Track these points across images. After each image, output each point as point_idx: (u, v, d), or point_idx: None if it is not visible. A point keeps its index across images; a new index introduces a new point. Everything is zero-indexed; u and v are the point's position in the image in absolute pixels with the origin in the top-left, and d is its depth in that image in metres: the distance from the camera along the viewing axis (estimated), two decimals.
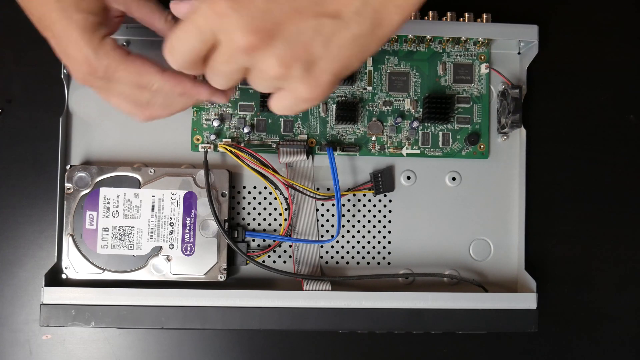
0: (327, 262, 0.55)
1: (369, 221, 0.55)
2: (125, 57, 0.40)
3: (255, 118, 0.54)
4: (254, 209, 0.54)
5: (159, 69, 0.41)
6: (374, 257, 0.55)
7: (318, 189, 0.54)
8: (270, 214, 0.54)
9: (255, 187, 0.54)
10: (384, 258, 0.55)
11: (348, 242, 0.55)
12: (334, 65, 0.34)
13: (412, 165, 0.55)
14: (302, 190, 0.53)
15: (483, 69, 0.55)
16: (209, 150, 0.52)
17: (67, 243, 0.51)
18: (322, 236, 0.55)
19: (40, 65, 0.55)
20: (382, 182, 0.54)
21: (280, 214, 0.54)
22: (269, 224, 0.54)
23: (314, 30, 0.33)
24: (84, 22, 0.38)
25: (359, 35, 0.34)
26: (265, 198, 0.54)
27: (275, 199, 0.54)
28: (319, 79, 0.35)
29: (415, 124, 0.54)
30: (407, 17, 0.34)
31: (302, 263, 0.54)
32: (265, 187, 0.54)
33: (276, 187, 0.53)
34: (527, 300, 0.52)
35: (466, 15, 0.54)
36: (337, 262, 0.55)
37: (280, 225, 0.54)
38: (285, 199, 0.53)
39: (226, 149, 0.49)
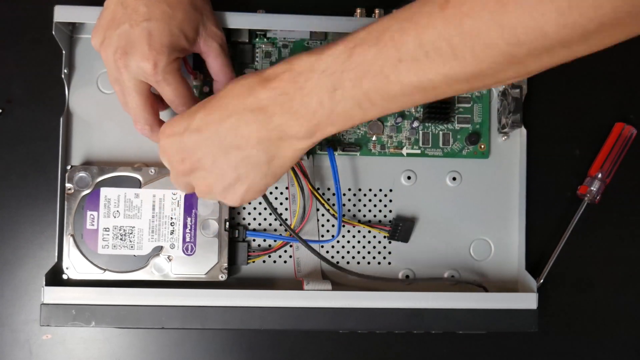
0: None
1: (369, 221, 0.55)
2: (180, 80, 0.46)
3: None
4: (255, 208, 0.54)
5: (187, 102, 0.47)
6: (374, 257, 0.55)
7: (318, 189, 0.54)
8: (270, 214, 0.54)
9: None
10: (384, 258, 0.55)
11: (348, 242, 0.55)
12: (245, 188, 0.42)
13: (412, 165, 0.55)
14: (322, 202, 0.53)
15: None
16: None
17: (68, 243, 0.50)
18: (322, 236, 0.55)
19: (40, 65, 0.55)
20: (400, 231, 0.54)
21: (281, 214, 0.54)
22: (269, 224, 0.54)
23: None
24: (169, 52, 0.45)
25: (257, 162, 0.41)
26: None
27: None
28: (233, 198, 0.43)
29: (416, 123, 0.54)
30: (298, 154, 0.41)
31: (303, 263, 0.54)
32: None
33: (302, 190, 0.53)
34: (527, 300, 0.52)
35: None
36: (337, 262, 0.55)
37: (280, 225, 0.54)
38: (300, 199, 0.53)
39: None
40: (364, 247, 0.55)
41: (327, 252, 0.55)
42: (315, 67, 0.37)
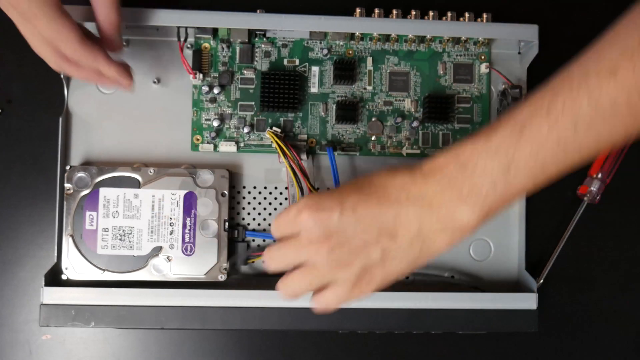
0: None
1: None
2: (67, 21, 0.44)
3: (255, 118, 0.54)
4: (254, 209, 0.54)
5: (80, 39, 0.45)
6: None
7: (318, 188, 0.54)
8: (270, 214, 0.54)
9: (255, 187, 0.54)
10: None
11: None
12: (383, 276, 0.41)
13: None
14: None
15: (483, 68, 0.55)
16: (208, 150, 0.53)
17: (67, 244, 0.50)
18: None
19: (40, 65, 0.55)
20: None
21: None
22: (269, 224, 0.54)
23: (375, 248, 0.40)
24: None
25: (410, 256, 0.41)
26: (265, 198, 0.54)
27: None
28: (368, 285, 0.41)
29: (416, 123, 0.54)
30: (452, 245, 0.40)
31: None
32: (265, 187, 0.54)
33: (302, 190, 0.53)
34: (527, 300, 0.52)
35: (466, 15, 0.54)
36: None
37: None
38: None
39: (273, 136, 0.51)
40: None
41: None
42: (484, 150, 0.38)
